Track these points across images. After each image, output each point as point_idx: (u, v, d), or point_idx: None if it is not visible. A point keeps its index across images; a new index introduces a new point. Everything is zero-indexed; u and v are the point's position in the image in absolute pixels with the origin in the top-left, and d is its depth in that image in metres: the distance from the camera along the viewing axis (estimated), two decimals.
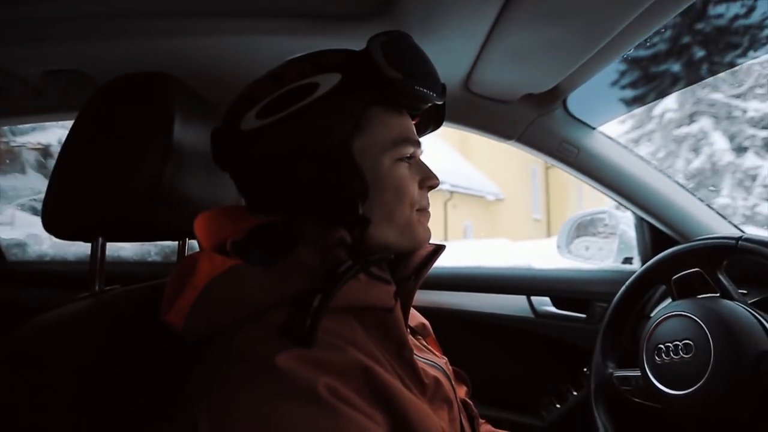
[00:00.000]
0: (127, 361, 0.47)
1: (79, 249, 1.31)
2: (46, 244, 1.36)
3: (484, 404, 0.98)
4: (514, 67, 0.74)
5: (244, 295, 0.41)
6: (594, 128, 0.96)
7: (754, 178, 5.66)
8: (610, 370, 0.79)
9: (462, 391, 0.74)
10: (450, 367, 0.64)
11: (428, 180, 0.53)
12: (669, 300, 0.77)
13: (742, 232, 0.97)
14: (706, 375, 0.60)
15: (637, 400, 0.73)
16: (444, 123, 0.92)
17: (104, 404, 0.43)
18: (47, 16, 0.65)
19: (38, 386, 0.40)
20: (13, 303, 1.20)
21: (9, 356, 0.41)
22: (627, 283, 0.84)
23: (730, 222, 1.00)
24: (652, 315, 0.78)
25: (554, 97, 0.86)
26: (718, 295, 0.68)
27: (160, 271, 1.10)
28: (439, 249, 0.55)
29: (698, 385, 0.61)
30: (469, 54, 0.71)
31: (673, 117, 6.17)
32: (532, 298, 1.11)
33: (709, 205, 0.99)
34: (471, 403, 0.65)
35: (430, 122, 0.59)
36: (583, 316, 1.06)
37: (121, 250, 1.32)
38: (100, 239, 0.55)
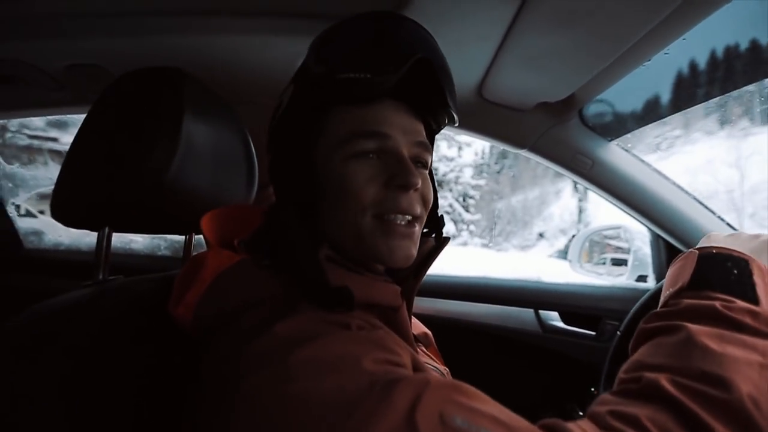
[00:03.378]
0: (123, 349, 0.46)
1: (93, 240, 1.34)
2: (62, 234, 1.39)
3: None
4: (529, 73, 0.72)
5: (252, 286, 0.41)
6: (610, 140, 0.94)
7: None
8: None
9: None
10: (450, 377, 0.63)
11: (394, 178, 0.44)
12: None
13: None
14: None
15: None
16: (456, 130, 0.91)
17: (97, 392, 0.43)
18: (69, 12, 0.67)
19: (31, 374, 0.40)
20: (27, 289, 1.23)
21: (4, 343, 0.42)
22: (636, 306, 0.80)
23: None
24: None
25: (570, 107, 0.85)
26: None
27: (168, 265, 1.11)
28: (440, 244, 0.53)
29: None
30: (483, 59, 0.70)
31: None
32: (540, 311, 1.08)
33: (729, 224, 0.96)
34: None
35: (429, 103, 0.49)
36: (593, 333, 1.03)
37: (133, 243, 1.34)
38: (107, 229, 0.55)
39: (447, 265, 0.90)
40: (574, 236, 1.25)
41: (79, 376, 0.42)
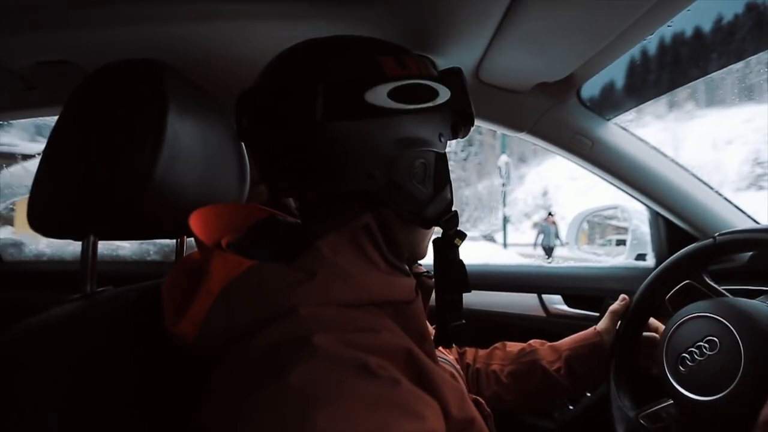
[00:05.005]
0: (118, 366, 0.43)
1: (77, 248, 1.29)
2: (43, 243, 1.33)
3: None
4: (528, 54, 0.70)
5: (268, 296, 0.37)
6: (608, 119, 0.92)
7: None
8: (634, 412, 0.71)
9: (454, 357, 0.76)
10: (458, 368, 0.62)
11: None
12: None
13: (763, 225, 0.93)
14: (740, 373, 0.56)
15: None
16: None
17: (93, 411, 0.40)
18: (34, 5, 0.62)
19: (23, 393, 0.37)
20: (9, 303, 1.17)
21: None
22: (641, 289, 0.79)
23: (748, 215, 0.96)
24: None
25: (568, 87, 0.82)
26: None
27: (159, 271, 1.07)
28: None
29: (733, 384, 0.56)
30: (481, 41, 0.67)
31: None
32: (544, 296, 1.07)
33: (728, 200, 0.96)
34: (483, 402, 0.63)
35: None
36: (596, 314, 1.02)
37: (120, 249, 1.28)
38: (92, 237, 0.52)
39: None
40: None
41: (75, 393, 0.39)
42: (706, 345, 0.61)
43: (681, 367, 0.63)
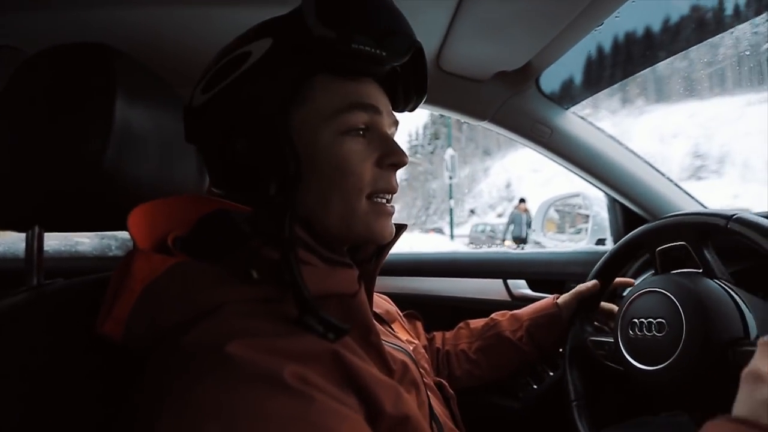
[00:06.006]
0: (66, 360, 0.42)
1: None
2: None
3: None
4: (486, 42, 0.72)
5: (191, 296, 0.37)
6: (566, 108, 0.95)
7: None
8: (587, 335, 0.79)
9: (418, 331, 0.79)
10: (420, 351, 0.63)
11: (389, 157, 0.44)
12: (650, 273, 0.78)
13: (712, 210, 0.98)
14: (674, 355, 0.60)
15: (608, 363, 0.73)
16: None
17: (45, 401, 0.39)
18: None
19: None
20: None
21: None
22: (611, 250, 0.83)
23: (697, 201, 1.01)
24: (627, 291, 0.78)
25: (527, 76, 0.85)
26: (700, 271, 0.67)
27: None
28: (400, 228, 0.52)
29: (666, 363, 0.60)
30: (438, 27, 0.68)
31: None
32: (509, 281, 1.10)
33: (678, 185, 1.01)
34: (446, 384, 0.64)
35: (410, 91, 0.50)
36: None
37: (80, 245, 1.24)
38: (36, 228, 0.50)
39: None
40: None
41: (24, 385, 0.38)
42: (656, 325, 0.64)
43: (630, 332, 0.68)
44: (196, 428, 0.29)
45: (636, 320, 0.67)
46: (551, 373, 1.04)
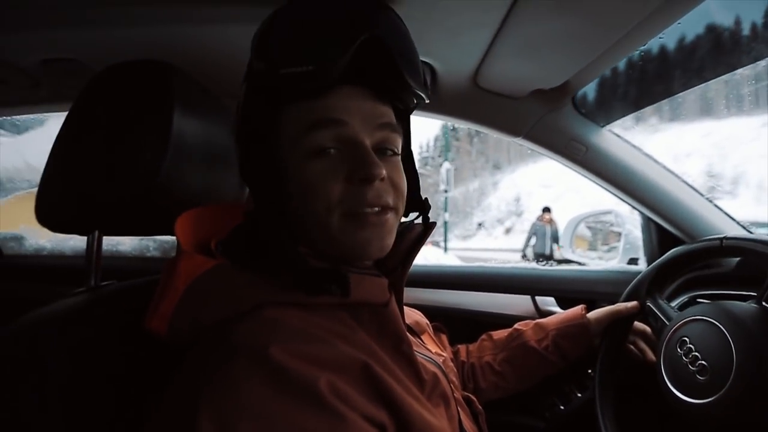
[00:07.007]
0: (123, 358, 0.45)
1: (77, 243, 1.30)
2: (44, 238, 1.34)
3: (486, 404, 0.97)
4: (526, 61, 0.72)
5: (231, 294, 0.39)
6: (602, 126, 0.94)
7: None
8: (620, 357, 0.76)
9: (444, 344, 0.77)
10: (449, 364, 0.63)
11: (356, 172, 0.42)
12: (688, 294, 0.75)
13: (750, 232, 0.95)
14: (731, 377, 0.57)
15: (645, 390, 0.71)
16: (450, 118, 0.90)
17: (98, 402, 0.42)
18: (43, 3, 0.63)
19: (32, 385, 0.39)
20: (10, 298, 1.18)
21: (2, 355, 0.40)
22: (627, 290, 0.81)
23: (738, 223, 0.98)
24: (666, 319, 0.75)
25: (563, 94, 0.84)
26: (755, 294, 0.63)
27: (160, 267, 1.08)
28: (428, 228, 0.52)
29: (725, 389, 0.57)
30: (478, 47, 0.69)
31: None
32: (537, 297, 1.09)
33: (717, 205, 0.98)
34: (475, 399, 0.64)
35: (387, 83, 0.45)
36: None
37: (120, 245, 1.29)
38: (96, 233, 0.53)
39: None
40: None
41: (78, 385, 0.41)
42: (700, 348, 0.62)
43: (675, 370, 0.64)
44: (232, 422, 0.31)
45: (680, 350, 0.65)
46: (579, 395, 1.02)
